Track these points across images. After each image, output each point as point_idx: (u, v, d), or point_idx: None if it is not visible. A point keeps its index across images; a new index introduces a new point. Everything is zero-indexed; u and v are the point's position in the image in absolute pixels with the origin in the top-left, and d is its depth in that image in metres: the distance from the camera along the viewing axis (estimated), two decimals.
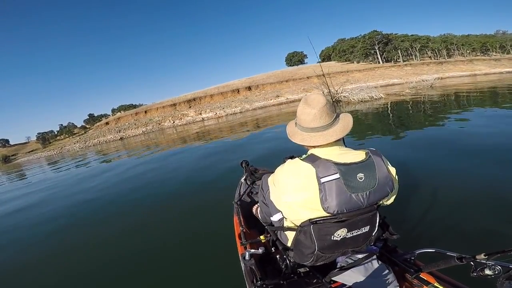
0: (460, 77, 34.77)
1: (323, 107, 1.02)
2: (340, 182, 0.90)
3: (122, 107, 74.95)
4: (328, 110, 1.03)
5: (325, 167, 0.92)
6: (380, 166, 0.96)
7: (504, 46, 62.82)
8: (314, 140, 1.02)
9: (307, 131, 1.05)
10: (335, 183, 0.90)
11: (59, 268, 2.66)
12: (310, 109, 1.03)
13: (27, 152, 52.68)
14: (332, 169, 0.91)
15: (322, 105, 1.03)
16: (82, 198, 5.12)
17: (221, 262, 2.12)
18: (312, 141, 1.02)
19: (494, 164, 3.32)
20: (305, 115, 1.05)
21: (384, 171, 0.96)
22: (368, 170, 0.93)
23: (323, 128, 1.02)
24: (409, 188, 2.95)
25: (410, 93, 16.53)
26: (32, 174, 14.43)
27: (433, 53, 62.98)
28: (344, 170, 0.91)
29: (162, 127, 33.67)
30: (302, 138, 1.06)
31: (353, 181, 0.91)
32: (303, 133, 1.06)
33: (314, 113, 1.02)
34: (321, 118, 1.02)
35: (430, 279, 1.07)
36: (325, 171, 0.91)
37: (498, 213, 2.31)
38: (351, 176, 0.91)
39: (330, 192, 0.90)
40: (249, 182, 2.21)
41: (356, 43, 62.20)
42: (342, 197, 0.90)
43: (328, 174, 0.91)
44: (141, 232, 3.04)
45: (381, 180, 0.94)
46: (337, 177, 0.90)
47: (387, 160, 1.02)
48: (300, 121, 1.08)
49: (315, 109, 1.02)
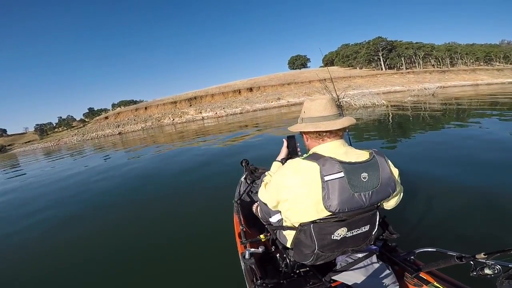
0: (462, 87, 34.86)
1: (331, 99, 1.08)
2: (344, 181, 0.90)
3: (122, 103, 74.93)
4: (334, 103, 1.08)
5: (330, 165, 0.91)
6: (384, 167, 0.96)
7: (508, 56, 62.74)
8: (327, 125, 1.01)
9: (319, 120, 1.05)
10: (338, 181, 0.89)
11: (57, 264, 2.56)
12: (320, 100, 1.06)
13: (23, 143, 52.51)
14: (337, 168, 0.90)
15: (329, 97, 1.09)
16: (81, 197, 4.88)
17: (221, 261, 2.10)
18: (325, 126, 1.01)
19: (493, 167, 3.42)
20: (316, 105, 1.06)
21: (387, 172, 0.96)
22: (371, 170, 0.93)
23: (334, 117, 1.04)
24: (409, 188, 2.98)
25: (412, 100, 16.48)
26: (25, 164, 14.30)
27: (436, 62, 62.97)
28: (349, 169, 0.91)
29: (161, 124, 33.62)
30: (316, 125, 1.04)
31: (356, 181, 0.90)
32: (315, 122, 1.06)
33: (325, 102, 1.05)
34: (331, 107, 1.05)
35: (430, 279, 1.07)
36: (330, 169, 0.90)
37: (497, 213, 2.35)
38: (355, 175, 0.91)
39: (333, 190, 0.89)
40: (249, 181, 2.24)
41: (360, 49, 62.33)
42: (345, 196, 0.90)
43: (333, 172, 0.90)
44: (140, 231, 2.96)
45: (384, 180, 0.95)
46: (341, 175, 0.90)
47: (390, 161, 1.02)
48: (310, 113, 1.08)
49: (325, 100, 1.06)
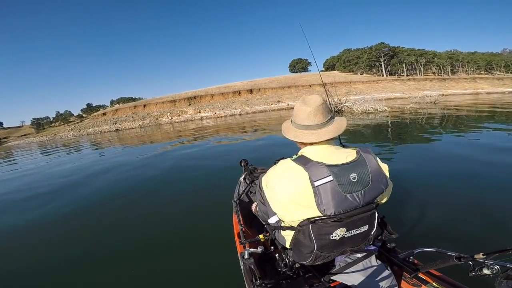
0: (462, 95, 34.86)
1: (319, 106, 1.04)
2: (333, 184, 0.90)
3: (121, 99, 74.59)
4: (323, 110, 1.05)
5: (318, 170, 0.92)
6: (372, 164, 0.96)
7: (509, 66, 62.54)
8: (306, 137, 1.03)
9: (301, 128, 1.06)
10: (329, 185, 0.90)
11: (55, 261, 2.51)
12: (306, 107, 1.05)
13: (19, 136, 51.99)
14: (325, 172, 0.91)
15: (318, 104, 1.05)
16: (80, 198, 4.64)
17: (220, 261, 2.09)
18: (304, 138, 1.04)
19: (492, 168, 3.58)
20: (301, 112, 1.06)
21: (376, 168, 0.97)
22: (360, 169, 0.94)
23: (317, 127, 1.03)
24: (409, 189, 3.07)
25: (414, 107, 16.32)
26: (19, 157, 14.10)
27: (437, 69, 63.02)
28: (337, 171, 0.91)
29: (160, 122, 33.35)
30: (296, 134, 1.07)
31: (346, 182, 0.91)
32: (297, 130, 1.08)
33: (309, 111, 1.04)
34: (315, 116, 1.04)
35: (429, 279, 1.07)
36: (318, 174, 0.91)
37: (497, 213, 2.39)
38: (344, 177, 0.91)
39: (325, 195, 0.90)
40: (248, 181, 2.23)
41: (362, 54, 62.27)
42: (337, 199, 0.90)
43: (322, 177, 0.90)
44: (139, 231, 2.92)
45: (375, 177, 0.95)
46: (330, 179, 0.90)
47: (377, 157, 1.01)
48: (295, 118, 1.09)
49: (311, 107, 1.04)
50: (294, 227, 1.03)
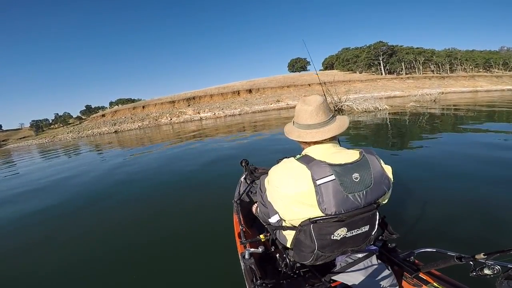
0: (462, 93, 34.86)
1: (320, 105, 1.06)
2: (335, 183, 0.90)
3: (120, 101, 74.35)
4: (324, 109, 1.06)
5: (320, 168, 0.92)
6: (375, 165, 0.96)
7: (507, 63, 62.30)
8: (310, 136, 1.04)
9: (304, 128, 1.07)
10: (331, 184, 0.90)
11: (56, 262, 2.51)
12: (307, 107, 1.06)
13: (18, 139, 51.76)
14: (328, 171, 0.91)
15: (319, 103, 1.06)
16: (78, 198, 4.65)
17: (220, 261, 2.09)
18: (308, 137, 1.04)
19: (492, 169, 3.55)
20: (302, 112, 1.07)
21: (379, 170, 0.96)
22: (363, 169, 0.93)
23: (319, 125, 1.04)
24: (409, 189, 3.05)
25: (414, 106, 16.31)
26: (19, 160, 14.05)
27: (436, 67, 62.98)
28: (339, 171, 0.91)
29: (159, 124, 33.33)
30: (299, 134, 1.08)
31: (348, 182, 0.91)
32: (299, 130, 1.08)
33: (311, 110, 1.05)
34: (317, 115, 1.05)
35: (430, 279, 1.07)
36: (321, 173, 0.91)
37: (497, 213, 2.38)
38: (346, 176, 0.91)
39: (326, 193, 0.89)
40: (249, 181, 2.23)
41: (361, 53, 62.18)
42: (339, 198, 0.90)
43: (324, 175, 0.90)
44: (139, 231, 2.92)
45: (377, 179, 0.94)
46: (332, 178, 0.90)
47: (380, 158, 1.01)
48: (297, 119, 1.10)
49: (312, 106, 1.05)
50: (295, 226, 1.03)
